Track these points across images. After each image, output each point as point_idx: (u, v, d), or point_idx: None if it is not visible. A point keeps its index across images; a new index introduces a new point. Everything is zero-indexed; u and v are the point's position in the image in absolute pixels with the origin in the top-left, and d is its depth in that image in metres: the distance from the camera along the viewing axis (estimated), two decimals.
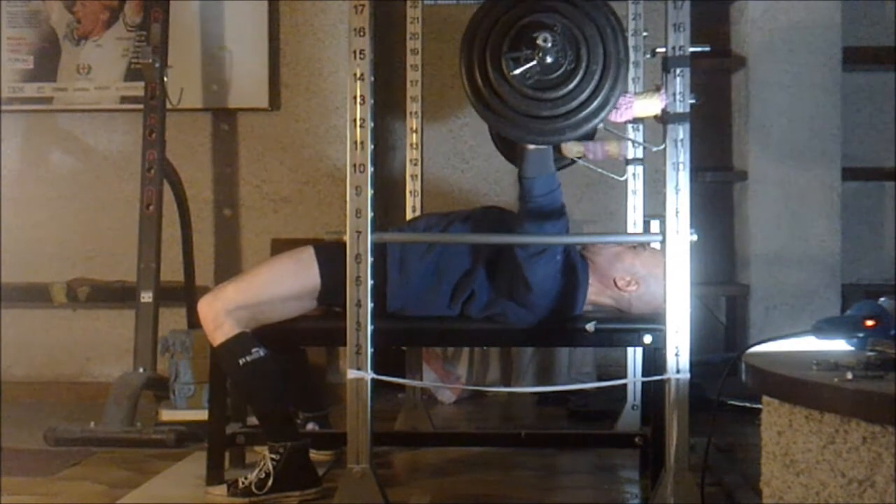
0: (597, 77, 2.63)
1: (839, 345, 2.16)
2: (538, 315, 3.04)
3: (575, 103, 2.64)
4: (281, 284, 3.11)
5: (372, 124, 2.78)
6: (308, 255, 3.12)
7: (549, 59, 2.57)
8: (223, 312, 3.05)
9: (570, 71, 2.62)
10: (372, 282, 2.78)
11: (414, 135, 3.98)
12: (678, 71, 2.72)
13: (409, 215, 3.94)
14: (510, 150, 3.44)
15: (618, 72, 2.64)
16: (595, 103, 2.65)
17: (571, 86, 2.62)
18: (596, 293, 3.20)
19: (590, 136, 2.95)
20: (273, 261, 3.22)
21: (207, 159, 4.98)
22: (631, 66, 3.78)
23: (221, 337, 3.06)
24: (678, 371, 2.73)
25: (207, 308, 3.08)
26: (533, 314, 3.04)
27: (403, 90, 4.02)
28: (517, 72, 2.58)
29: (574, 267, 3.14)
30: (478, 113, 2.72)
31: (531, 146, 2.84)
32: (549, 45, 2.55)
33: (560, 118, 2.65)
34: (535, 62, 2.56)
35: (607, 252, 3.20)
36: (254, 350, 3.05)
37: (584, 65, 2.62)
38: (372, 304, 2.78)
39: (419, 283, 3.11)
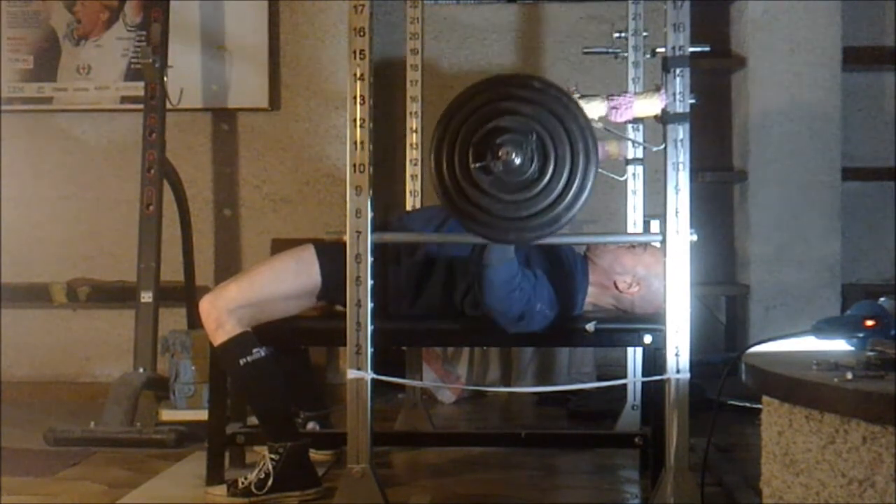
0: (565, 177, 2.60)
1: (839, 345, 2.16)
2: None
3: (542, 205, 2.61)
4: (282, 283, 3.12)
5: (372, 124, 2.78)
6: (309, 254, 3.13)
7: (515, 163, 2.55)
8: (225, 312, 3.05)
9: (537, 174, 2.59)
10: (372, 282, 2.78)
11: (414, 135, 3.99)
12: (678, 71, 2.72)
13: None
14: None
15: (586, 170, 2.60)
16: (563, 204, 2.61)
17: (538, 189, 2.60)
18: (597, 295, 3.20)
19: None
20: (274, 260, 3.22)
21: (207, 159, 4.98)
22: (631, 66, 3.79)
23: (223, 336, 3.06)
24: (678, 371, 2.73)
25: (209, 307, 3.08)
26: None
27: (403, 90, 4.03)
28: (481, 175, 2.57)
29: (572, 270, 3.14)
30: (448, 212, 2.69)
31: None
32: (513, 155, 2.54)
33: (527, 219, 2.62)
34: (499, 166, 2.55)
35: (608, 254, 3.20)
36: (255, 350, 3.06)
37: (551, 166, 2.59)
38: (372, 304, 2.78)
39: (417, 280, 3.11)
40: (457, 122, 2.63)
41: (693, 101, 2.73)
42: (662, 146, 2.73)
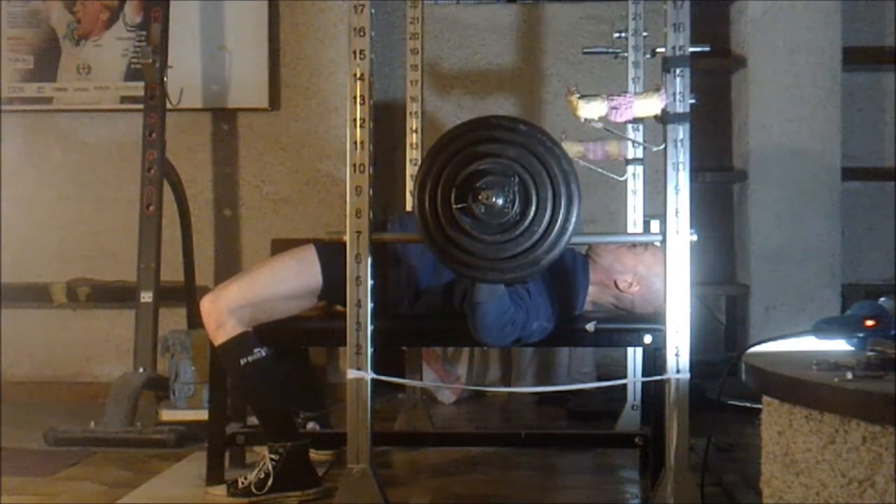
0: (546, 220, 2.61)
1: (839, 345, 2.16)
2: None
3: (524, 246, 2.62)
4: (283, 283, 3.12)
5: (372, 124, 2.78)
6: (310, 254, 3.12)
7: (497, 204, 2.57)
8: (226, 311, 3.05)
9: (519, 215, 2.60)
10: (372, 282, 2.78)
11: (414, 135, 3.99)
12: (678, 71, 2.72)
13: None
14: None
15: (568, 213, 2.62)
16: (545, 245, 2.62)
17: (520, 229, 2.61)
18: (598, 294, 3.20)
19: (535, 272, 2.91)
20: (275, 260, 3.22)
21: (207, 159, 4.98)
22: (631, 66, 3.79)
23: (223, 336, 3.06)
24: (678, 371, 2.73)
25: (210, 307, 3.08)
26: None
27: (403, 90, 4.03)
28: (467, 224, 2.58)
29: (572, 270, 3.14)
30: (431, 253, 2.70)
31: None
32: (493, 199, 2.56)
33: (510, 259, 2.63)
34: (482, 208, 2.56)
35: (609, 253, 3.20)
36: (255, 350, 3.06)
37: (532, 209, 2.60)
38: (372, 304, 2.78)
39: (420, 280, 3.11)
40: (440, 162, 2.64)
41: (693, 101, 2.73)
42: (662, 146, 2.73)
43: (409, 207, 3.96)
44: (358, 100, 2.77)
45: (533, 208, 2.61)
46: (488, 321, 2.85)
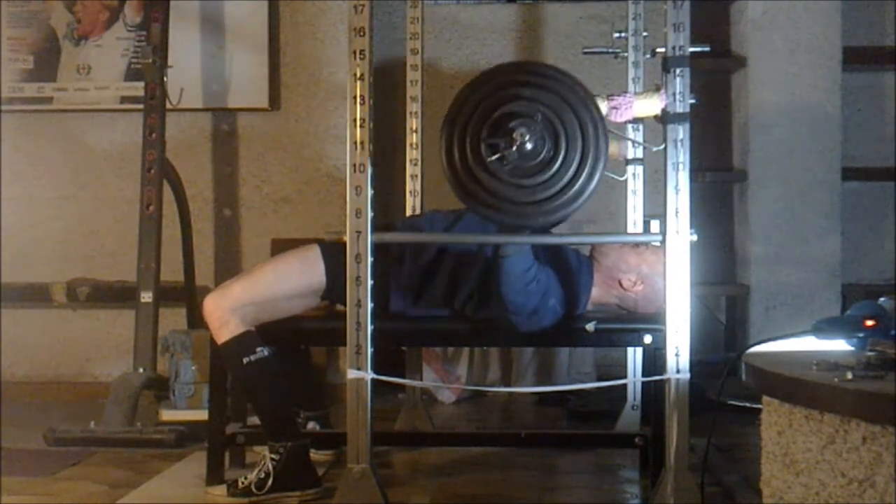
0: (575, 165, 2.63)
1: (839, 345, 2.16)
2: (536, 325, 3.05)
3: (551, 191, 2.64)
4: (287, 282, 3.12)
5: (372, 124, 2.78)
6: (314, 254, 3.13)
7: (527, 147, 2.58)
8: (229, 310, 3.05)
9: (549, 159, 2.62)
10: (372, 282, 2.78)
11: (414, 135, 3.98)
12: (678, 71, 2.72)
13: (408, 215, 3.94)
14: None
15: (596, 161, 2.64)
16: (571, 192, 2.64)
17: (549, 174, 2.62)
18: (601, 294, 3.20)
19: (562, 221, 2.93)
20: (278, 259, 3.22)
21: (207, 159, 4.98)
22: (631, 66, 3.79)
23: (226, 335, 3.06)
24: (678, 371, 2.73)
25: (213, 306, 3.08)
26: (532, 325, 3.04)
27: (403, 90, 4.02)
28: (492, 158, 2.58)
29: (576, 269, 3.14)
30: (455, 194, 2.70)
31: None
32: (526, 137, 2.56)
33: (536, 205, 2.64)
34: (513, 149, 2.57)
35: (613, 253, 3.20)
36: (258, 349, 3.06)
37: (562, 154, 2.62)
38: (372, 304, 2.78)
39: (422, 282, 3.11)
40: (473, 101, 2.65)
41: (693, 101, 2.73)
42: (662, 146, 2.74)
43: (408, 208, 3.97)
44: (358, 100, 2.77)
45: (562, 155, 2.62)
46: (515, 272, 2.87)
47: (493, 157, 2.59)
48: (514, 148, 2.57)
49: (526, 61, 2.74)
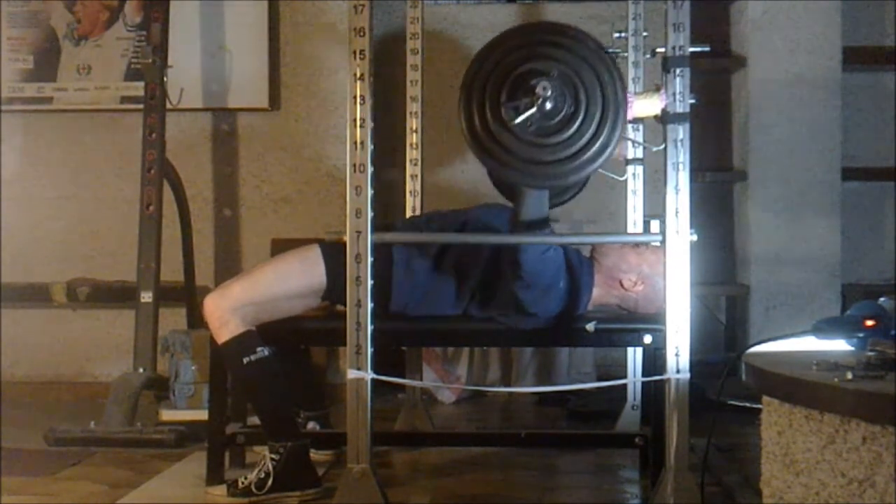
0: (596, 120, 2.63)
1: (839, 345, 2.16)
2: (541, 317, 3.04)
3: (576, 147, 2.64)
4: (287, 282, 3.12)
5: (372, 124, 2.78)
6: (314, 254, 3.13)
7: (548, 106, 2.58)
8: (229, 310, 3.05)
9: (570, 115, 2.62)
10: (372, 282, 2.78)
11: (414, 135, 3.98)
12: (678, 71, 2.72)
13: (408, 215, 3.94)
14: (510, 191, 3.45)
15: (617, 114, 2.64)
16: (596, 146, 2.65)
17: (572, 130, 2.63)
18: (602, 295, 3.20)
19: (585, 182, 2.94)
20: (279, 259, 3.22)
21: (207, 159, 4.98)
22: (631, 66, 3.79)
23: (227, 335, 3.06)
24: (678, 371, 2.73)
25: (213, 306, 3.08)
26: (535, 318, 3.04)
27: (403, 90, 4.02)
28: (518, 121, 2.58)
29: (577, 269, 3.14)
30: (478, 158, 2.71)
31: (531, 190, 2.84)
32: (548, 92, 2.56)
33: (561, 162, 2.65)
34: (534, 109, 2.57)
35: (613, 253, 3.20)
36: (258, 349, 3.06)
37: (583, 109, 2.62)
38: (372, 304, 2.78)
39: (424, 281, 3.12)
40: (494, 58, 2.65)
41: (693, 101, 2.73)
42: (662, 146, 2.74)
43: (408, 208, 3.97)
44: (358, 100, 2.77)
45: (581, 115, 2.62)
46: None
47: (518, 120, 2.58)
48: (536, 108, 2.56)
49: (539, 21, 2.73)
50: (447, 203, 4.55)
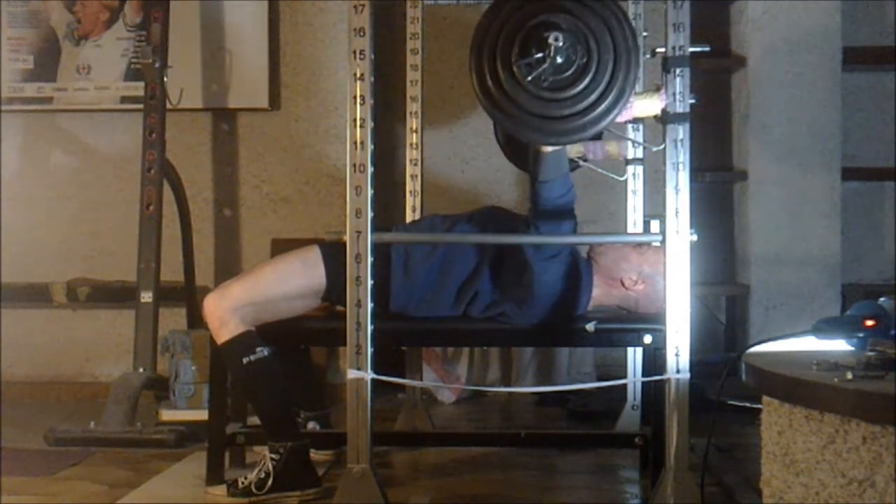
0: (609, 69, 2.61)
1: (839, 345, 2.16)
2: (540, 316, 3.04)
3: (591, 99, 2.62)
4: (287, 283, 3.12)
5: (372, 124, 2.78)
6: (314, 255, 3.12)
7: (559, 59, 2.56)
8: (229, 310, 3.05)
9: (583, 67, 2.60)
10: (372, 282, 2.78)
11: (414, 135, 3.98)
12: (678, 71, 2.72)
13: (408, 215, 3.94)
14: (520, 156, 3.44)
15: (629, 62, 2.62)
16: (611, 97, 2.62)
17: (586, 82, 2.60)
18: (602, 295, 3.20)
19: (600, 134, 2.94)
20: (279, 259, 3.22)
21: (207, 159, 4.98)
22: None
23: (226, 335, 3.06)
24: (678, 371, 2.73)
25: (213, 306, 3.08)
26: (535, 316, 3.04)
27: (403, 90, 4.02)
28: (531, 77, 2.56)
29: (578, 268, 3.14)
30: (493, 118, 2.71)
31: (547, 148, 2.83)
32: (560, 43, 2.53)
33: (577, 115, 2.63)
34: (547, 64, 2.55)
35: (612, 253, 3.20)
36: (258, 349, 3.06)
37: (595, 59, 2.60)
38: (372, 304, 2.78)
39: (424, 283, 3.12)
40: (507, 11, 2.63)
41: (693, 101, 2.73)
42: (662, 146, 2.74)
43: (408, 208, 3.97)
44: (358, 100, 2.77)
45: (592, 71, 2.60)
46: (552, 197, 2.88)
47: (532, 76, 2.56)
48: (548, 63, 2.54)
49: None
50: (447, 203, 4.56)
